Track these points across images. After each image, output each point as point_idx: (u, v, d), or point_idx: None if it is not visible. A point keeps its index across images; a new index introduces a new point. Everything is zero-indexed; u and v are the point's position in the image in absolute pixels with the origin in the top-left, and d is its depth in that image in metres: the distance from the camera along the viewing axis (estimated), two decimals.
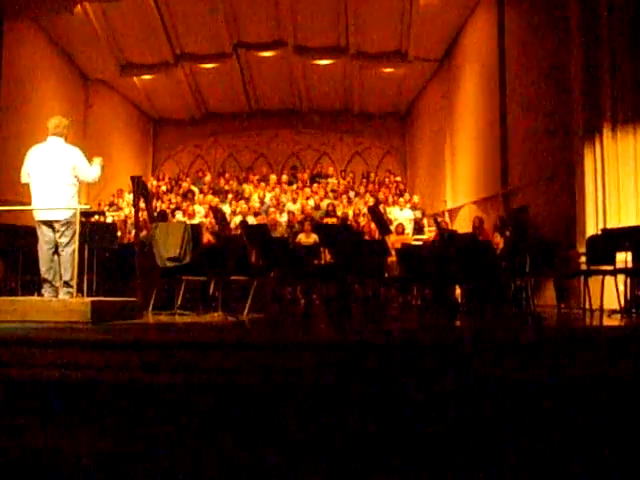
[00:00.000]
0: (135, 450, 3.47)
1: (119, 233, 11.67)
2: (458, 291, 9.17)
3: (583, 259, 8.13)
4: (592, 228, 8.65)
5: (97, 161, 7.00)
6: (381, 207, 14.23)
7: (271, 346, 4.42)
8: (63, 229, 6.56)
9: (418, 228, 14.75)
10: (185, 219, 13.38)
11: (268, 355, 4.25)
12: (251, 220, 13.93)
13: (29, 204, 6.67)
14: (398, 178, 18.97)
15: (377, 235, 11.51)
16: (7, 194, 10.99)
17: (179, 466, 3.40)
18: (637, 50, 8.72)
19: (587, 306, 7.30)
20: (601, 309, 7.17)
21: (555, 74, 10.01)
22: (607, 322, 6.66)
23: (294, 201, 15.98)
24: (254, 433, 3.52)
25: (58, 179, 6.60)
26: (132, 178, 8.39)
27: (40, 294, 6.75)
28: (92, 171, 6.91)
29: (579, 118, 9.10)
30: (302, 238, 11.85)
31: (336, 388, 3.81)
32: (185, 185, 17.70)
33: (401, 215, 14.92)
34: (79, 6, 13.72)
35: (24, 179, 6.70)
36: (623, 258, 7.38)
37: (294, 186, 17.47)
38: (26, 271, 8.36)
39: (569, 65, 9.38)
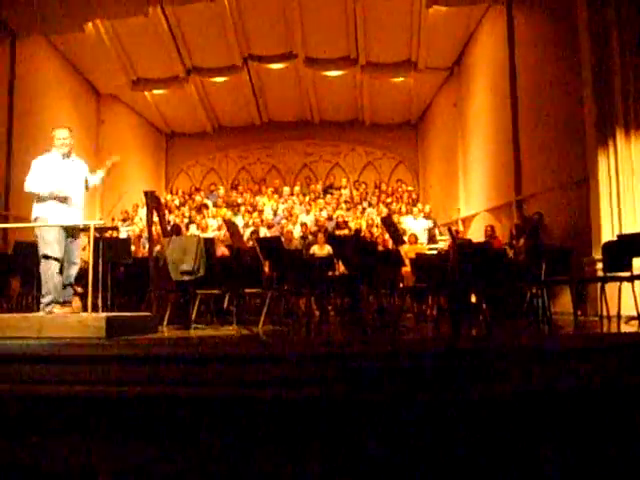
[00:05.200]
0: (150, 463, 3.46)
1: (133, 248, 11.70)
2: (473, 299, 9.11)
3: (599, 266, 8.06)
4: (608, 234, 8.59)
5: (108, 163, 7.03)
6: (394, 217, 14.22)
7: (286, 358, 4.40)
8: None
9: (431, 237, 14.70)
10: (199, 232, 13.40)
11: (284, 367, 4.23)
12: (264, 232, 13.94)
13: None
14: (410, 188, 18.95)
15: (391, 245, 11.49)
16: (20, 210, 11.06)
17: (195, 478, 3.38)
18: None
19: (604, 313, 7.24)
20: (618, 316, 7.11)
21: (566, 80, 9.98)
22: (625, 329, 6.60)
23: (307, 212, 15.99)
24: (270, 444, 3.50)
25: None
26: (145, 193, 8.41)
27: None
28: (93, 179, 6.95)
29: (592, 124, 9.06)
30: (316, 249, 11.83)
31: (352, 399, 3.79)
32: (198, 199, 17.76)
33: (415, 225, 14.88)
34: (90, 23, 13.85)
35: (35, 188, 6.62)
36: None
37: (307, 198, 17.49)
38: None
39: (580, 71, 9.34)
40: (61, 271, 6.54)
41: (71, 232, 6.58)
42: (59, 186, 6.50)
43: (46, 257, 6.43)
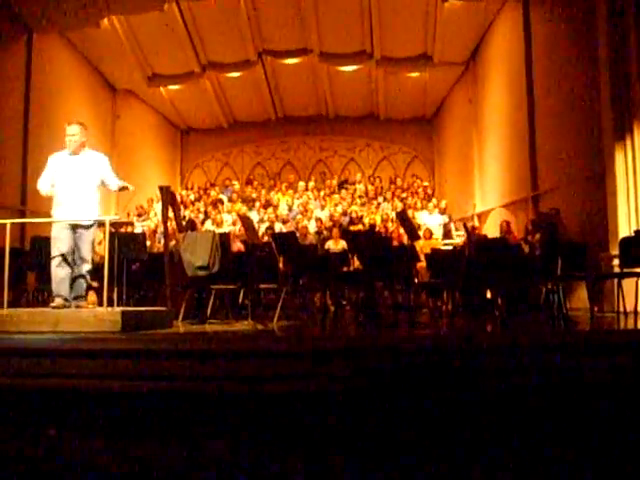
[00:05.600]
0: (166, 457, 3.47)
1: (148, 243, 11.73)
2: (489, 295, 9.08)
3: (616, 261, 8.02)
4: (625, 230, 8.53)
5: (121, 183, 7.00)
6: (409, 212, 14.20)
7: (301, 354, 4.40)
8: None
9: (446, 233, 14.66)
10: (214, 228, 13.42)
11: (299, 363, 4.23)
12: (279, 227, 13.95)
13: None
14: (426, 183, 18.90)
15: (406, 240, 11.47)
16: (37, 206, 11.12)
17: (210, 473, 3.39)
18: None
19: (621, 309, 7.20)
20: (635, 312, 7.07)
21: (584, 74, 9.90)
22: None
23: (322, 208, 15.99)
24: (284, 439, 3.51)
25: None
26: (160, 188, 8.42)
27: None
28: (114, 183, 6.95)
29: (609, 118, 8.99)
30: (331, 245, 11.83)
31: (366, 394, 3.78)
32: (213, 194, 17.79)
33: (430, 220, 14.84)
34: (106, 19, 13.89)
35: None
36: None
37: (322, 193, 17.49)
38: None
39: (597, 65, 9.27)
40: (71, 267, 6.58)
41: (75, 228, 6.58)
42: (52, 188, 6.57)
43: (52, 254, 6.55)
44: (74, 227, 6.54)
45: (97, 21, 13.51)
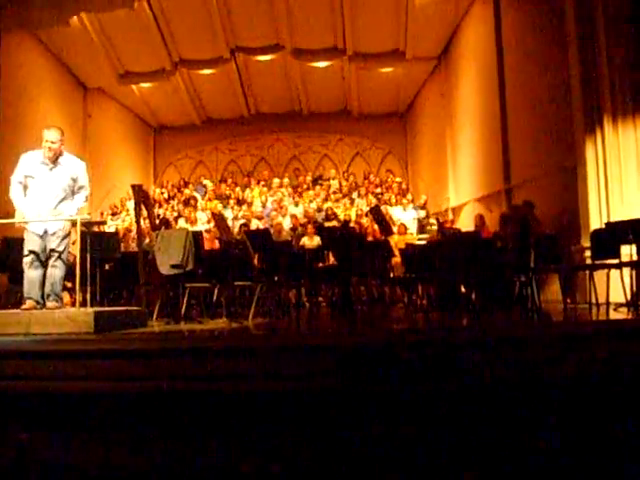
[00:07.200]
0: (140, 460, 3.45)
1: (122, 242, 11.64)
2: (463, 290, 9.13)
3: (588, 253, 8.08)
4: (596, 222, 8.61)
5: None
6: (383, 208, 14.22)
7: (277, 351, 4.40)
8: None
9: (421, 227, 14.71)
10: (188, 226, 13.36)
11: (274, 360, 4.22)
12: (256, 224, 13.92)
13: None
14: (398, 179, 18.92)
15: (380, 236, 11.49)
16: (6, 205, 10.97)
17: (184, 475, 3.37)
18: (634, 41, 8.69)
19: (593, 300, 7.27)
20: (607, 303, 7.14)
21: (554, 67, 9.97)
22: (614, 316, 6.63)
23: (296, 204, 15.97)
24: (260, 439, 3.50)
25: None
26: (132, 186, 8.37)
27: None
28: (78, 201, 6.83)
29: (579, 111, 9.06)
30: (306, 241, 11.83)
31: (342, 391, 3.79)
32: (187, 192, 17.71)
33: (404, 215, 14.87)
34: (76, 17, 13.74)
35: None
36: (628, 251, 7.35)
37: (294, 189, 17.47)
38: None
39: (567, 58, 9.34)
40: (43, 268, 6.49)
41: (47, 235, 6.50)
42: (25, 207, 6.53)
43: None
44: (45, 233, 6.46)
45: (67, 19, 13.34)
